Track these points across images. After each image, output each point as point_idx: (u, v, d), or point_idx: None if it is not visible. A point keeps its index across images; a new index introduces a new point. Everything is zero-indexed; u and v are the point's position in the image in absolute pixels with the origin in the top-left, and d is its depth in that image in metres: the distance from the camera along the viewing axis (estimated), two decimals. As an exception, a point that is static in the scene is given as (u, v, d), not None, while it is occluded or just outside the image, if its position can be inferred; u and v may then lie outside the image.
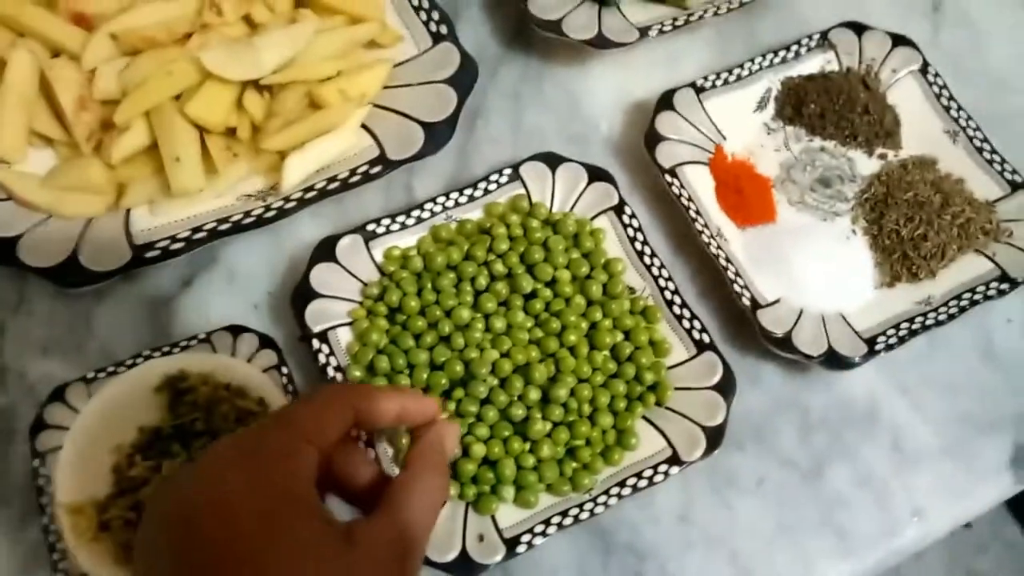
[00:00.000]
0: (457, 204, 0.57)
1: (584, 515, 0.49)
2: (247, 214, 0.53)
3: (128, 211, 0.54)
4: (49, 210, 0.53)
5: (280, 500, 0.32)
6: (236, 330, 0.51)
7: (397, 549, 0.34)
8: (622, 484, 0.50)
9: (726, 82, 0.62)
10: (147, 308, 0.55)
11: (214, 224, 0.53)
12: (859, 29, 0.64)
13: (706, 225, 0.57)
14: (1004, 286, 0.56)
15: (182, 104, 0.54)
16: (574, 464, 0.50)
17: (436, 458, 0.39)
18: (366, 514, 0.35)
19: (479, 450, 0.50)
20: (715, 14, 0.62)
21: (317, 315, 0.52)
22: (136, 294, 0.55)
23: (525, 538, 0.48)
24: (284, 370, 0.51)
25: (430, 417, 0.40)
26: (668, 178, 0.57)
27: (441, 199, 0.57)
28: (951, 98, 0.63)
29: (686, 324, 0.54)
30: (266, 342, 0.51)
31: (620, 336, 0.54)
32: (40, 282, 0.53)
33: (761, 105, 0.63)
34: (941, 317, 0.56)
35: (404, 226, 0.56)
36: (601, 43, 0.60)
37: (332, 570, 0.31)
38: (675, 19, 0.62)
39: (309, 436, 0.35)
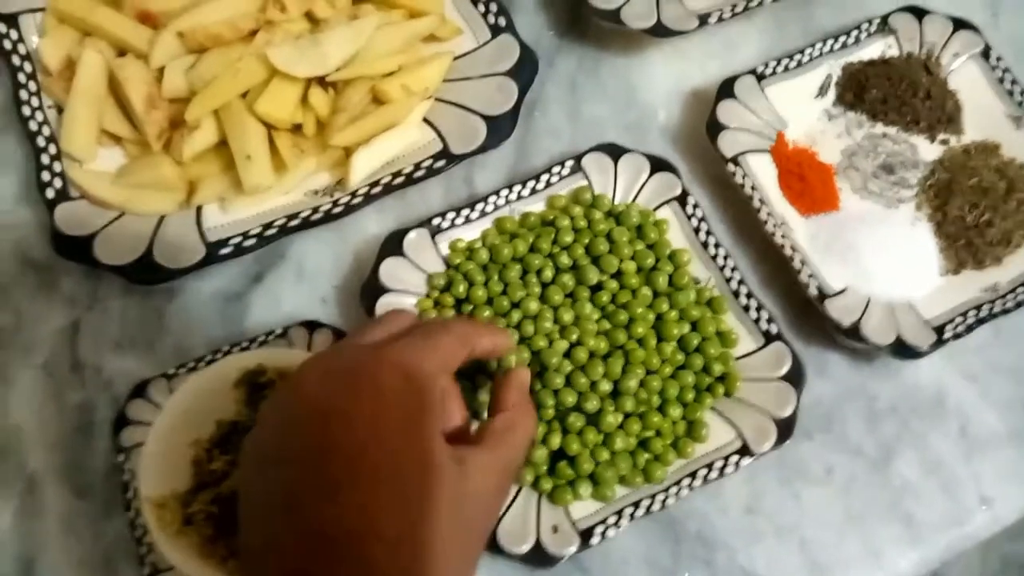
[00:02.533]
0: (520, 197, 0.57)
1: (656, 506, 0.50)
2: (315, 210, 0.54)
3: (199, 208, 0.55)
4: (123, 208, 0.54)
5: (426, 412, 0.36)
6: (312, 325, 0.52)
7: (500, 481, 0.39)
8: (693, 475, 0.50)
9: (787, 68, 0.61)
10: (218, 303, 0.56)
11: (284, 220, 0.53)
12: (919, 13, 0.63)
13: (770, 214, 0.56)
14: (1072, 272, 0.56)
15: (250, 101, 0.54)
16: (646, 455, 0.51)
17: (528, 401, 0.43)
18: None
19: (555, 440, 0.50)
20: (774, 0, 0.61)
21: (386, 309, 0.53)
22: (207, 289, 0.56)
23: (599, 529, 0.49)
24: (357, 364, 0.51)
25: (511, 349, 0.46)
26: (731, 167, 0.57)
27: (504, 192, 0.57)
28: (1014, 82, 0.62)
29: (753, 314, 0.54)
30: (340, 337, 0.52)
31: (687, 327, 0.54)
32: (112, 279, 0.54)
33: (822, 91, 0.62)
34: (1008, 304, 0.55)
35: (468, 220, 0.56)
36: (660, 31, 0.60)
37: (450, 488, 0.35)
38: (734, 5, 0.61)
39: (445, 367, 0.39)
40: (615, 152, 0.58)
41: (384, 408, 0.35)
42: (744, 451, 0.51)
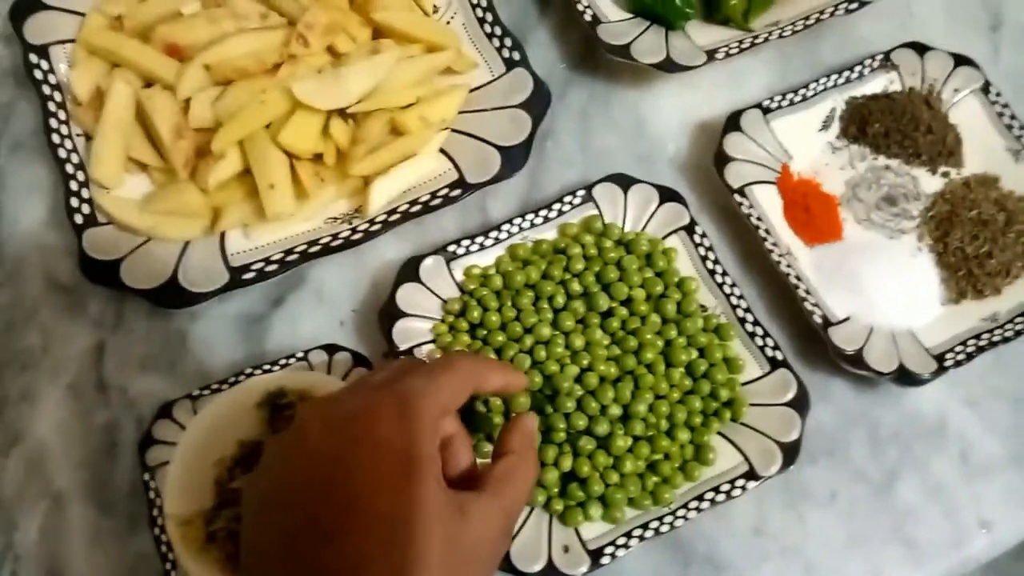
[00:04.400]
0: (532, 225, 0.59)
1: (664, 528, 0.51)
2: (335, 236, 0.56)
3: (223, 234, 0.57)
4: (149, 233, 0.56)
5: (420, 462, 0.36)
6: (332, 349, 0.54)
7: (500, 527, 0.39)
8: (700, 498, 0.52)
9: (791, 102, 0.63)
10: (240, 326, 0.58)
11: (305, 246, 0.55)
12: (921, 50, 0.65)
13: (776, 243, 0.58)
14: (1070, 303, 0.58)
15: (273, 132, 0.56)
16: (655, 478, 0.52)
17: (532, 447, 0.43)
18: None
19: (566, 462, 0.52)
20: (780, 36, 0.63)
21: (403, 333, 0.55)
22: (229, 312, 0.58)
23: (608, 550, 0.50)
24: (375, 387, 0.53)
25: (521, 389, 0.47)
26: (737, 198, 0.59)
27: (517, 220, 0.59)
28: (1013, 116, 0.64)
29: (759, 341, 0.56)
30: (359, 360, 0.53)
31: (695, 353, 0.55)
32: (137, 302, 0.56)
33: (826, 125, 0.64)
34: (1008, 334, 0.57)
35: (482, 247, 0.58)
36: (669, 67, 0.62)
37: (449, 535, 0.36)
38: (740, 41, 0.63)
39: (447, 410, 0.39)
40: (625, 182, 0.60)
41: (380, 457, 0.36)
42: (750, 475, 0.52)
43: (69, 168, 0.57)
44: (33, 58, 0.59)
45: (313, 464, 0.37)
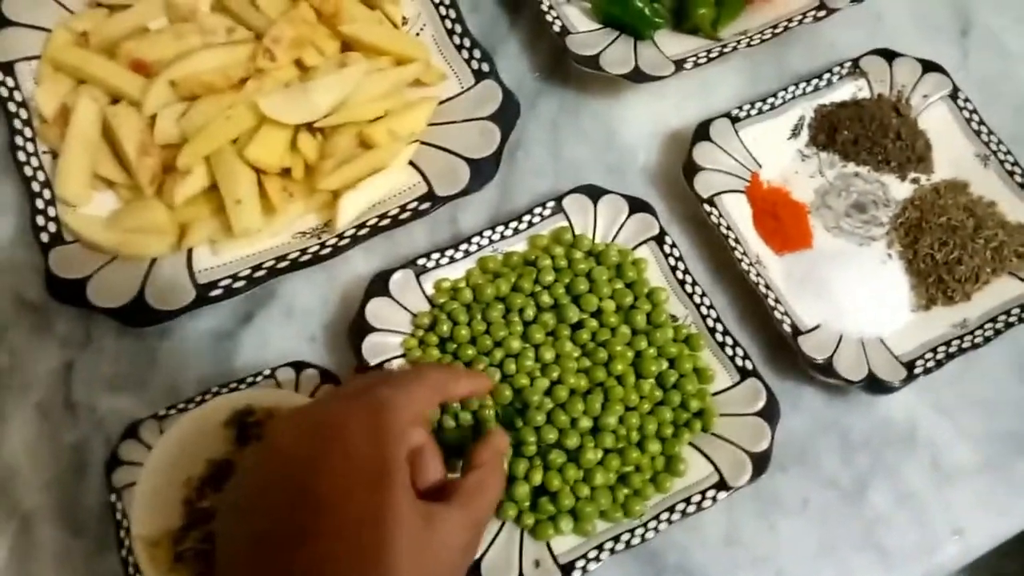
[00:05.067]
0: (503, 237, 0.59)
1: (636, 540, 0.51)
2: (304, 252, 0.56)
3: (190, 251, 0.56)
4: (115, 251, 0.55)
5: (390, 468, 0.37)
6: (299, 366, 0.53)
7: (468, 537, 0.40)
8: (671, 509, 0.52)
9: (760, 111, 0.63)
10: (209, 343, 0.57)
11: (273, 262, 0.55)
12: (890, 56, 0.66)
13: (745, 253, 0.58)
14: (1039, 308, 0.58)
15: (240, 147, 0.56)
16: (626, 491, 0.52)
17: (500, 462, 0.45)
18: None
19: (537, 476, 0.51)
20: (748, 45, 0.63)
21: (373, 348, 0.54)
22: (198, 329, 0.57)
23: (580, 564, 0.50)
24: (344, 403, 0.53)
25: (488, 390, 0.51)
26: (707, 207, 0.59)
27: (487, 232, 0.59)
28: (981, 122, 0.64)
29: (729, 351, 0.56)
30: (327, 377, 0.53)
31: (665, 364, 0.55)
32: (105, 320, 0.55)
33: (795, 133, 0.64)
34: (977, 340, 0.57)
35: (452, 259, 0.58)
36: (638, 77, 0.62)
37: (417, 542, 0.37)
38: (709, 51, 0.64)
39: (417, 419, 0.40)
40: (595, 193, 0.60)
41: (351, 463, 0.37)
42: (721, 485, 0.52)
43: (35, 186, 0.57)
44: (-1, 75, 0.59)
45: (285, 470, 0.38)
